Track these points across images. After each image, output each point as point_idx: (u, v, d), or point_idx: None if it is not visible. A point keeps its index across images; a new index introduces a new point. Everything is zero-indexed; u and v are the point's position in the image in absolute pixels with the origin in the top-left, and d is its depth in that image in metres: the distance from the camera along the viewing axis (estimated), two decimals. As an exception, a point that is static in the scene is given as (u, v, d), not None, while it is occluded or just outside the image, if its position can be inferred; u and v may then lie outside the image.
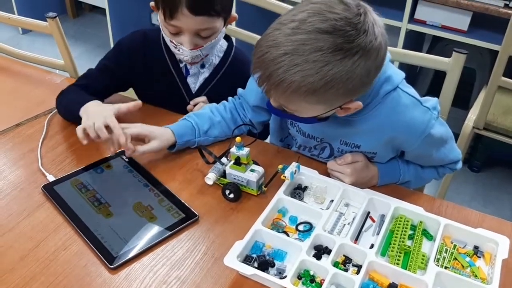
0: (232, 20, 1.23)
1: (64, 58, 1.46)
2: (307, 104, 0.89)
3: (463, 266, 0.90)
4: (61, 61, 1.48)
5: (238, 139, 1.01)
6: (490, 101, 1.81)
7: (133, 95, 1.37)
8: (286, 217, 0.99)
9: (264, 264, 0.88)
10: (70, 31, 3.35)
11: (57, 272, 0.87)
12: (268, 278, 0.84)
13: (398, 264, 0.88)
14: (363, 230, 0.96)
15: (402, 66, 2.20)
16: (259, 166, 1.04)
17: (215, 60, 1.28)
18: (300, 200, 1.02)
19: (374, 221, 0.99)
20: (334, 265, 0.87)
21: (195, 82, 1.30)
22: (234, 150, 1.02)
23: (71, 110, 1.15)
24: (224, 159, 1.06)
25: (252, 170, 1.02)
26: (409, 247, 0.91)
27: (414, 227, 0.96)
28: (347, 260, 0.90)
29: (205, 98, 1.28)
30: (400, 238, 0.92)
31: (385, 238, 0.94)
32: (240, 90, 1.21)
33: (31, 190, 1.04)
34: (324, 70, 0.81)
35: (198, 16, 1.09)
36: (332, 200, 1.00)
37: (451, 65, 1.29)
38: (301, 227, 0.96)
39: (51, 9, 3.46)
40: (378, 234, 0.94)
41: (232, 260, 0.86)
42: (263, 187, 1.04)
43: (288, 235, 0.94)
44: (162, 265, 0.89)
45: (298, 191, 1.04)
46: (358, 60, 0.82)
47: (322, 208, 0.99)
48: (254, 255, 0.90)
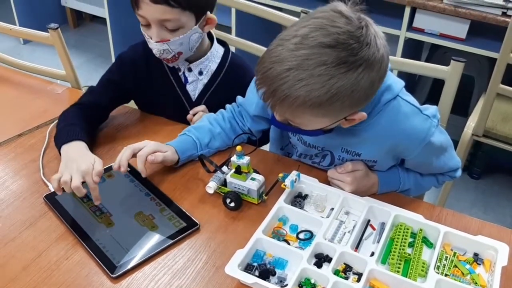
0: (210, 23, 1.20)
1: (66, 68, 1.47)
2: (313, 117, 0.90)
3: (463, 274, 0.90)
4: (62, 71, 1.49)
5: (239, 148, 1.02)
6: (489, 108, 1.82)
7: (134, 104, 1.38)
8: (287, 225, 1.00)
9: (265, 273, 0.88)
10: (71, 41, 3.37)
11: (59, 282, 0.87)
12: (269, 287, 0.84)
13: (398, 272, 0.89)
14: (364, 238, 0.97)
15: (401, 74, 2.22)
16: (260, 174, 1.05)
17: (213, 66, 1.29)
18: (300, 208, 1.02)
19: (374, 229, 0.99)
20: (335, 273, 0.87)
21: (194, 90, 1.31)
22: (234, 159, 1.03)
23: (56, 142, 1.14)
24: (224, 168, 1.07)
25: (253, 179, 1.03)
26: (409, 254, 0.92)
27: (414, 235, 0.97)
28: (347, 268, 0.90)
29: (204, 107, 1.29)
30: (400, 246, 0.93)
31: (385, 246, 0.94)
32: (239, 98, 1.22)
33: (33, 200, 1.04)
34: (329, 84, 0.82)
35: (157, 5, 1.10)
36: (333, 208, 1.01)
37: (450, 73, 1.30)
38: (301, 236, 0.97)
39: (52, 18, 3.48)
40: (379, 242, 0.94)
41: (233, 268, 0.86)
42: (263, 195, 1.04)
43: (288, 244, 0.95)
44: (164, 274, 0.90)
45: (299, 200, 1.04)
46: (362, 72, 0.83)
47: (322, 216, 0.99)
48: (255, 264, 0.90)
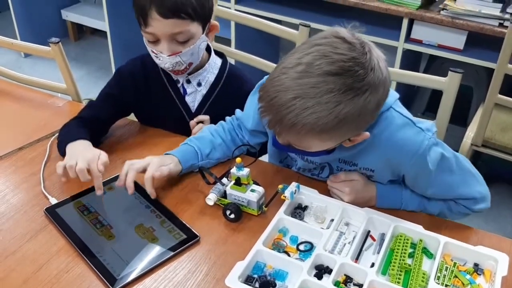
0: (213, 29, 1.24)
1: (67, 82, 1.48)
2: (319, 142, 0.91)
3: (463, 284, 0.90)
4: (63, 85, 1.50)
5: (238, 159, 1.02)
6: (487, 118, 1.83)
7: (133, 116, 1.39)
8: (287, 237, 1.00)
9: (266, 285, 0.88)
10: (71, 54, 3.40)
11: (59, 295, 0.87)
12: (270, 299, 0.84)
13: (399, 282, 0.89)
14: (364, 249, 0.97)
15: (400, 85, 2.23)
16: (259, 186, 1.05)
17: (211, 77, 1.31)
18: (300, 219, 1.02)
19: (374, 240, 0.99)
20: (335, 284, 0.87)
21: (193, 101, 1.32)
22: (234, 170, 1.03)
23: (59, 147, 1.17)
24: (224, 180, 1.07)
25: (253, 190, 1.03)
26: (409, 265, 0.92)
27: (414, 246, 0.97)
28: (348, 280, 0.90)
29: (208, 117, 1.29)
30: (401, 257, 0.93)
31: (385, 256, 0.95)
32: (238, 112, 1.23)
33: (33, 213, 1.04)
34: (336, 110, 0.83)
35: (168, 19, 1.11)
36: (333, 220, 1.01)
37: (448, 84, 1.31)
38: (302, 247, 0.97)
39: (53, 32, 3.51)
40: (379, 252, 0.94)
41: (234, 280, 0.86)
42: (263, 207, 1.05)
43: (289, 255, 0.95)
44: (164, 286, 0.89)
45: (299, 211, 1.04)
46: (368, 96, 0.84)
47: (322, 228, 1.00)
48: (256, 276, 0.90)
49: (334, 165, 1.08)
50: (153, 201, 1.07)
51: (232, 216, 1.03)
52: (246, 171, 1.03)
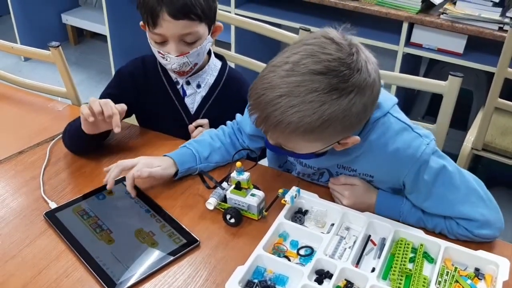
0: (217, 30, 1.26)
1: (67, 86, 1.48)
2: (305, 142, 0.91)
3: (464, 289, 0.90)
4: (63, 89, 1.50)
5: (239, 164, 1.02)
6: (487, 122, 1.83)
7: (133, 120, 1.39)
8: (287, 241, 0.99)
9: (266, 289, 0.88)
10: (71, 58, 3.40)
11: (59, 300, 0.87)
12: (270, 304, 0.84)
13: (399, 287, 0.88)
14: (364, 254, 0.97)
15: (400, 89, 2.23)
16: (260, 190, 1.05)
17: (211, 79, 1.31)
18: (300, 224, 1.02)
19: (375, 244, 0.99)
20: (336, 289, 0.87)
21: (192, 103, 1.32)
22: (234, 175, 1.03)
23: (66, 137, 1.18)
24: (224, 184, 1.07)
25: (253, 195, 1.03)
26: (410, 270, 0.91)
27: (415, 250, 0.97)
28: (348, 284, 0.90)
29: (206, 121, 1.30)
30: (401, 261, 0.93)
31: (386, 261, 0.94)
32: (238, 116, 1.23)
33: (33, 218, 1.04)
34: (321, 110, 0.83)
35: (179, 21, 1.12)
36: (333, 224, 1.01)
37: (448, 88, 1.31)
38: (302, 252, 0.97)
39: (53, 36, 3.52)
40: (379, 257, 0.94)
41: (234, 285, 0.86)
42: (263, 211, 1.04)
43: (289, 260, 0.94)
44: (164, 291, 0.89)
45: (299, 215, 1.04)
46: (354, 98, 0.84)
47: (323, 232, 0.99)
48: (256, 280, 0.90)
49: (333, 170, 1.08)
50: (153, 205, 1.07)
51: (232, 220, 1.02)
52: (246, 175, 1.03)
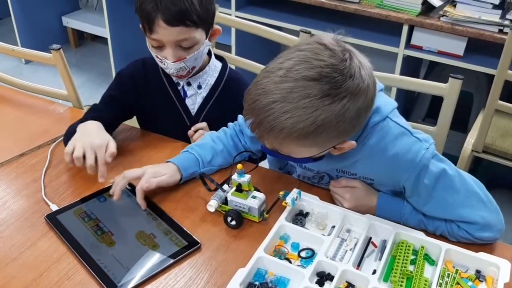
0: (216, 33, 1.26)
1: (68, 88, 1.49)
2: (300, 148, 0.91)
3: (465, 291, 0.90)
4: (64, 91, 1.51)
5: (240, 166, 1.02)
6: (488, 124, 1.83)
7: (134, 122, 1.39)
8: (288, 243, 0.99)
9: (267, 292, 0.88)
10: (72, 60, 3.40)
11: (60, 302, 0.87)
12: (271, 306, 0.84)
13: (400, 289, 0.88)
14: (365, 256, 0.97)
15: (400, 91, 2.23)
16: (261, 192, 1.05)
17: (211, 80, 1.31)
18: (301, 226, 1.02)
19: (376, 246, 0.99)
20: (337, 291, 0.87)
21: (193, 104, 1.32)
22: (235, 177, 1.03)
23: (66, 142, 1.17)
24: (225, 186, 1.07)
25: (254, 197, 1.03)
26: (411, 272, 0.91)
27: (415, 252, 0.97)
28: (349, 286, 0.90)
29: (205, 124, 1.30)
30: (402, 263, 0.93)
31: (387, 263, 0.94)
32: (240, 118, 1.23)
33: (34, 220, 1.04)
34: (314, 116, 0.83)
35: (174, 27, 1.12)
36: (334, 226, 1.01)
37: (448, 90, 1.31)
38: (303, 254, 0.97)
39: (54, 38, 3.52)
40: (380, 259, 0.94)
41: (235, 288, 0.86)
42: (264, 213, 1.04)
43: (290, 262, 0.94)
44: (165, 293, 0.89)
45: (300, 217, 1.04)
46: (347, 103, 0.84)
47: (324, 234, 0.99)
48: (257, 283, 0.90)
49: (333, 174, 1.08)
50: (154, 207, 1.07)
51: (233, 222, 1.02)
52: (247, 177, 1.03)
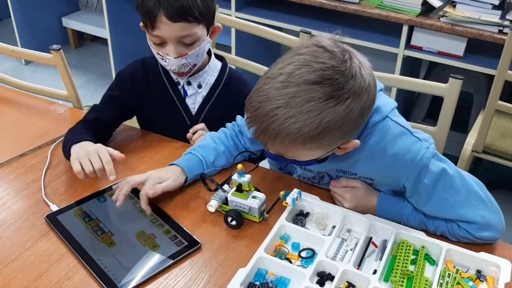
0: (216, 31, 1.26)
1: (68, 89, 1.49)
2: (306, 151, 0.91)
3: (466, 291, 0.90)
4: (64, 91, 1.51)
5: (240, 166, 1.02)
6: (488, 124, 1.83)
7: (134, 122, 1.39)
8: (289, 243, 0.99)
9: (268, 292, 0.88)
10: (72, 61, 3.41)
11: (60, 303, 0.87)
12: (272, 306, 0.84)
13: (401, 289, 0.88)
14: (366, 256, 0.97)
15: (400, 92, 2.23)
16: (261, 192, 1.05)
17: (211, 79, 1.31)
18: (302, 226, 1.02)
19: (376, 246, 0.99)
20: (338, 291, 0.87)
21: (193, 103, 1.32)
22: (235, 177, 1.03)
23: (64, 151, 1.17)
24: (226, 186, 1.07)
25: (254, 197, 1.03)
26: (412, 272, 0.91)
27: (416, 252, 0.97)
28: (350, 286, 0.90)
29: (203, 125, 1.30)
30: (403, 263, 0.92)
31: (387, 263, 0.94)
32: (238, 118, 1.23)
33: (34, 220, 1.04)
34: (318, 119, 0.83)
35: (176, 23, 1.13)
36: (334, 226, 1.01)
37: (448, 90, 1.31)
38: (303, 254, 0.97)
39: (54, 39, 3.52)
40: (381, 259, 0.94)
41: (235, 288, 0.86)
42: (265, 213, 1.04)
43: (290, 262, 0.94)
44: (165, 294, 0.89)
45: (300, 217, 1.04)
46: (350, 104, 0.84)
47: (324, 234, 0.99)
48: (257, 283, 0.90)
49: (333, 174, 1.08)
50: (154, 208, 1.07)
51: (234, 222, 1.02)
52: (248, 177, 1.03)
